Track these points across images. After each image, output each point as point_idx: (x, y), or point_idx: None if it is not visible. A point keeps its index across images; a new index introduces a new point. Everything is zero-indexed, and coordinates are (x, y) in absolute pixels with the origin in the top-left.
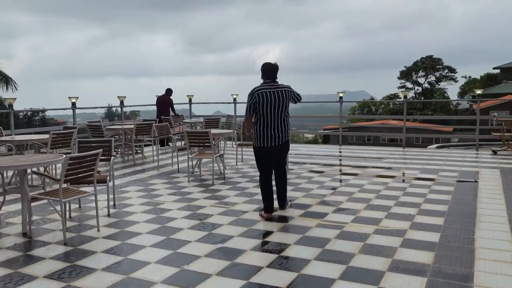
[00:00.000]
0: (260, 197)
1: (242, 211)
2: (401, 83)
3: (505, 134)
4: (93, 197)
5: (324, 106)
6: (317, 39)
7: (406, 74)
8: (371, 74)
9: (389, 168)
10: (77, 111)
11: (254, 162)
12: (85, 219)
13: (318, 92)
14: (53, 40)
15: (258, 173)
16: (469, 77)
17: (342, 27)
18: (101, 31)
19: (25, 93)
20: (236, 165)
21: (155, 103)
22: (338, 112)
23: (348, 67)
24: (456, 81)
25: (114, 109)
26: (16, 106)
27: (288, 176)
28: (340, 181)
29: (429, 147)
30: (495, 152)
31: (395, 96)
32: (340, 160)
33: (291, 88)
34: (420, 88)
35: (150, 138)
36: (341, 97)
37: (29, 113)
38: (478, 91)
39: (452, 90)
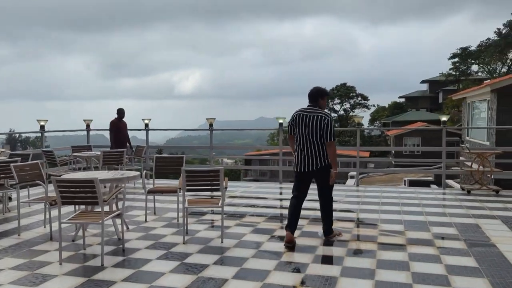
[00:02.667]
0: None
1: None
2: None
3: (479, 170)
4: None
5: (243, 133)
6: (236, 66)
7: None
8: (288, 102)
9: (358, 220)
10: None
11: (172, 215)
12: None
13: (238, 118)
14: None
15: (178, 241)
16: (378, 105)
17: (260, 56)
18: (6, 50)
19: None
20: (146, 221)
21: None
22: (259, 137)
23: (266, 94)
24: (368, 109)
25: (17, 135)
26: None
27: (228, 242)
28: (303, 251)
29: (350, 173)
30: (468, 192)
31: None
32: (287, 208)
33: (328, 117)
34: (336, 115)
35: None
36: (280, 124)
37: None
38: (444, 118)
39: (365, 117)
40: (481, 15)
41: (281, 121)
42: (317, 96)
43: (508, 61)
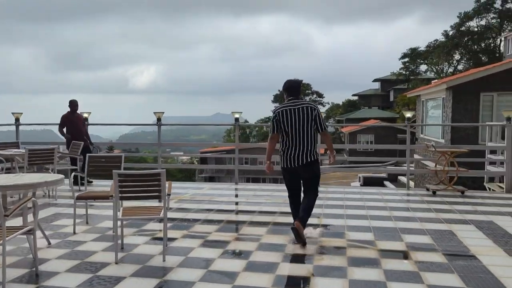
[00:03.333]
0: None
1: None
2: (275, 107)
3: (445, 169)
4: None
5: (199, 128)
6: (192, 62)
7: (280, 98)
8: (244, 98)
9: (326, 227)
10: None
11: (107, 225)
12: None
13: (194, 113)
14: None
15: (110, 260)
16: (332, 102)
17: (217, 52)
18: None
19: None
20: (74, 233)
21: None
22: (216, 133)
23: (223, 90)
24: (324, 106)
25: None
26: None
27: (172, 260)
28: (261, 269)
29: None
30: (434, 192)
31: (270, 119)
32: (243, 212)
33: (316, 107)
34: None
35: None
36: (236, 119)
37: None
38: (409, 114)
39: None
40: (429, 17)
41: (237, 115)
42: (300, 88)
43: (454, 61)
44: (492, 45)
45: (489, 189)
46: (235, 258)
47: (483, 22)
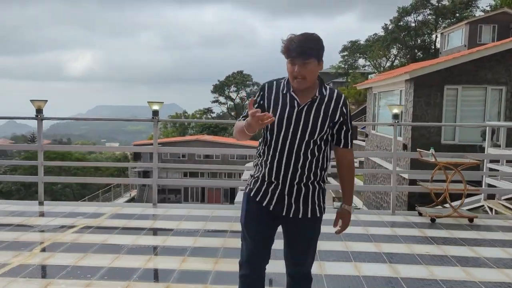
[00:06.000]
0: None
1: None
2: (214, 98)
3: (449, 187)
4: None
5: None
6: (132, 49)
7: (219, 88)
8: (183, 88)
9: None
10: None
11: None
12: None
13: (132, 103)
14: None
15: None
16: None
17: (157, 39)
18: None
19: None
20: None
21: None
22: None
23: (160, 80)
24: None
25: None
26: None
27: None
28: None
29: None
30: (433, 220)
31: (209, 110)
32: (148, 277)
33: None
34: (232, 103)
35: None
36: (155, 111)
37: None
38: (396, 110)
39: None
40: (370, 13)
41: (156, 107)
42: None
43: (392, 56)
44: (427, 41)
45: (490, 209)
46: None
47: (420, 18)
